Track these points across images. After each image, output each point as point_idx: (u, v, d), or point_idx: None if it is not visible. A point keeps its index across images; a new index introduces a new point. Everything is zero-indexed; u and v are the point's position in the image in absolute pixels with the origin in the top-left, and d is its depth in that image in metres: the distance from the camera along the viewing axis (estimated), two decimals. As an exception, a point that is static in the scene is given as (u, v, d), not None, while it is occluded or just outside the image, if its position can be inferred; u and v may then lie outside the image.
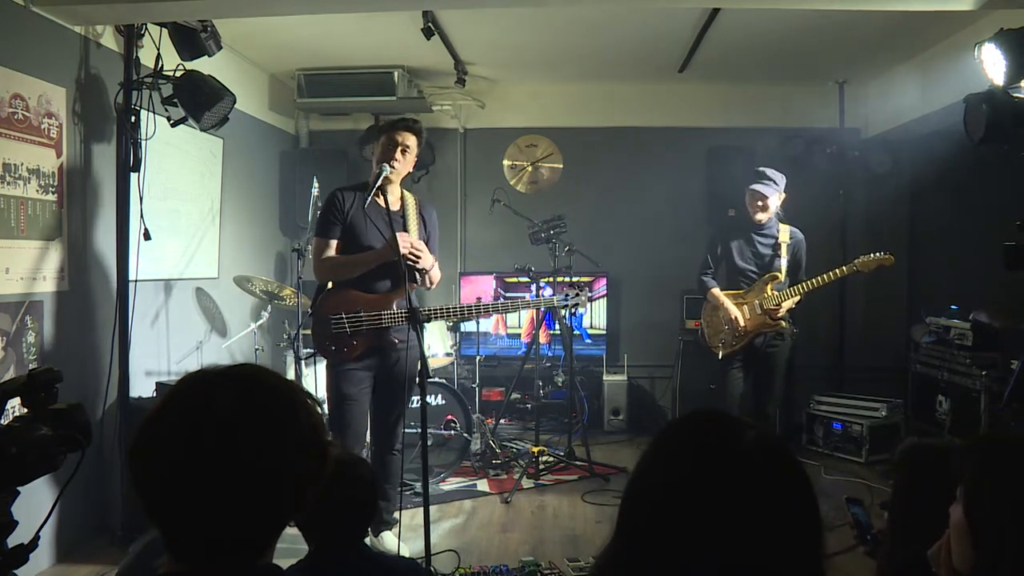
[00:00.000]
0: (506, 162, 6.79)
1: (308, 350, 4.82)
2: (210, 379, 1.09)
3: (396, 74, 5.86)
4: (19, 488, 1.33)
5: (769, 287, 4.53)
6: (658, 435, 1.07)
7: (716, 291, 4.67)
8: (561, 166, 6.77)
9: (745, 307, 4.56)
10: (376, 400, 3.68)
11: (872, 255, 4.40)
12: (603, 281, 6.47)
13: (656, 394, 6.65)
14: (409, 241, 3.50)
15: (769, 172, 4.55)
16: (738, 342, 4.56)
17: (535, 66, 6.20)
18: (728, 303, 4.58)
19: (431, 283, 3.70)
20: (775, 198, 4.53)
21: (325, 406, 3.64)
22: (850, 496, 2.13)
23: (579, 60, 5.98)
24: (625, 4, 4.45)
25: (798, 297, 4.47)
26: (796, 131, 6.26)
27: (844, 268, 4.43)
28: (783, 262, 4.56)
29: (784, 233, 4.59)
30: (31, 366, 3.48)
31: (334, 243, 3.60)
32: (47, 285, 3.64)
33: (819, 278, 4.40)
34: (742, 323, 4.52)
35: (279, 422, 1.07)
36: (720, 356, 4.58)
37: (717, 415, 1.07)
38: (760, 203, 4.52)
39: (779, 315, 4.48)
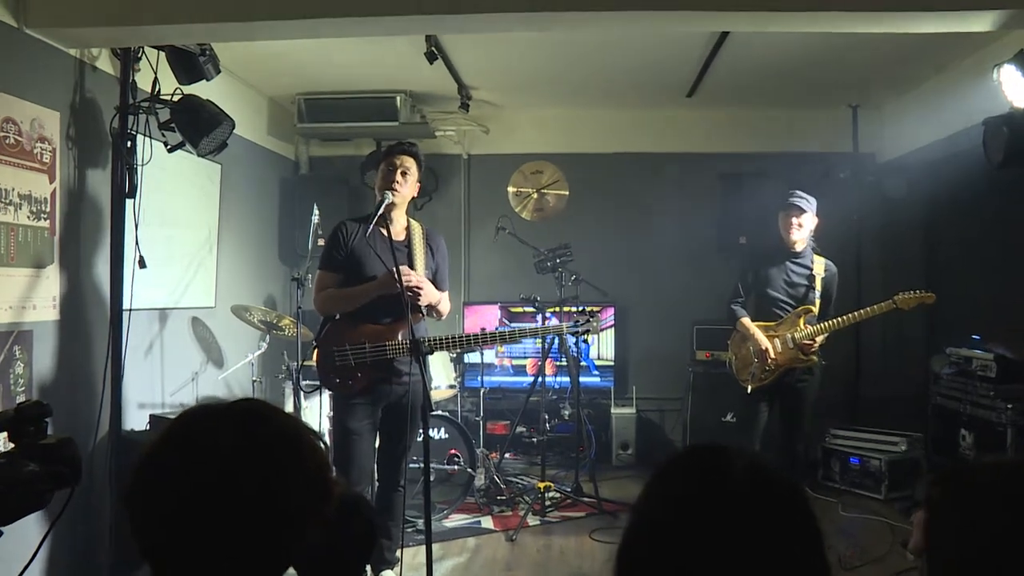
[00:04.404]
0: (511, 189, 6.79)
1: (308, 382, 4.89)
2: (211, 415, 1.09)
3: (399, 99, 5.87)
4: (2, 528, 1.30)
5: (802, 320, 4.46)
6: (653, 473, 1.06)
7: (746, 321, 4.57)
8: (567, 193, 6.76)
9: (776, 339, 4.46)
10: (381, 435, 3.67)
11: (912, 293, 4.35)
12: (611, 311, 6.45)
13: (666, 427, 6.60)
14: (408, 276, 3.46)
15: (802, 193, 4.50)
16: (768, 376, 4.48)
17: (541, 91, 6.21)
18: (759, 334, 4.48)
19: (439, 315, 3.70)
20: (811, 217, 4.47)
21: (326, 436, 3.60)
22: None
23: (586, 85, 6.00)
24: (631, 28, 4.39)
25: (828, 333, 4.42)
26: (809, 156, 6.25)
27: (882, 305, 4.37)
28: (817, 295, 4.48)
29: (819, 265, 4.53)
30: (18, 398, 3.43)
31: (336, 276, 3.59)
32: (37, 314, 3.60)
33: (853, 314, 4.36)
34: (773, 356, 4.44)
35: (282, 460, 1.06)
36: (749, 390, 4.47)
37: (709, 448, 1.05)
38: (797, 219, 4.44)
39: (812, 350, 4.41)
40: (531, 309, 5.29)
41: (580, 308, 4.87)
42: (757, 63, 5.27)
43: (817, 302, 4.48)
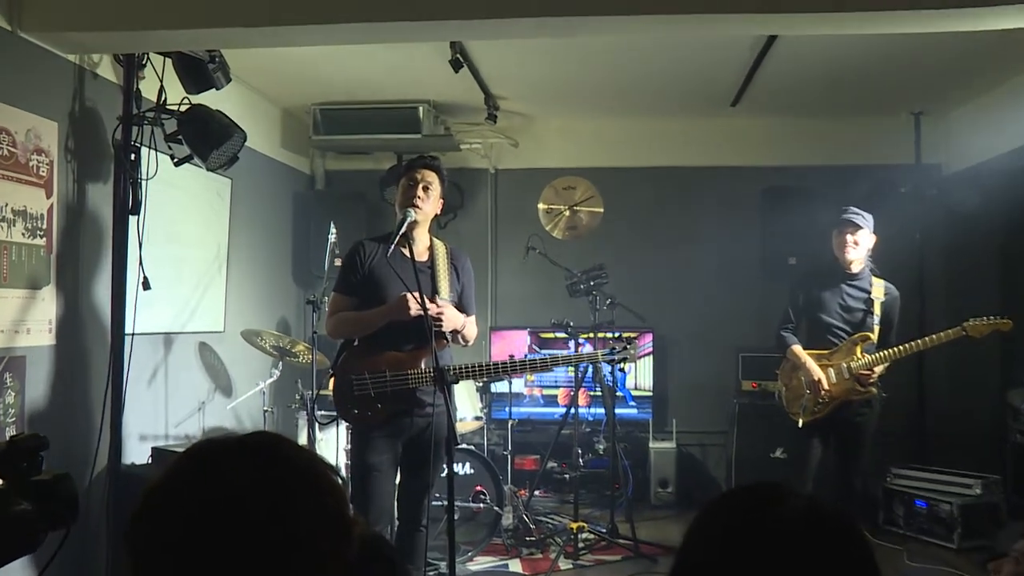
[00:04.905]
0: (541, 206, 6.75)
1: (323, 412, 4.88)
2: (221, 449, 1.08)
3: (421, 109, 5.86)
4: (-10, 573, 1.28)
5: (859, 348, 4.34)
6: (698, 511, 1.07)
7: (797, 348, 4.47)
8: (602, 210, 6.72)
9: (830, 369, 4.36)
10: (402, 469, 3.63)
11: (985, 319, 4.23)
12: (649, 337, 6.38)
13: (709, 464, 6.50)
14: (415, 300, 3.41)
15: (857, 209, 4.41)
16: (821, 409, 4.37)
17: (573, 101, 6.18)
18: (811, 363, 4.38)
19: (465, 341, 3.68)
20: (867, 234, 4.37)
21: (343, 471, 3.54)
22: None
23: (622, 94, 5.97)
24: (670, 33, 4.38)
25: (888, 363, 4.31)
26: (865, 169, 6.15)
27: (950, 332, 4.25)
28: (875, 321, 4.38)
29: (878, 288, 4.42)
30: (9, 430, 3.42)
31: (351, 300, 3.58)
32: (31, 338, 3.59)
33: (917, 342, 4.24)
34: (826, 387, 4.33)
35: (300, 499, 1.05)
36: (800, 424, 4.37)
37: (760, 485, 1.06)
38: (852, 237, 4.34)
39: (871, 381, 4.30)
40: (563, 335, 5.32)
41: (616, 334, 4.84)
42: (808, 68, 5.21)
43: (876, 328, 4.37)
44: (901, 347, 4.27)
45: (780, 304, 4.68)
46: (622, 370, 5.23)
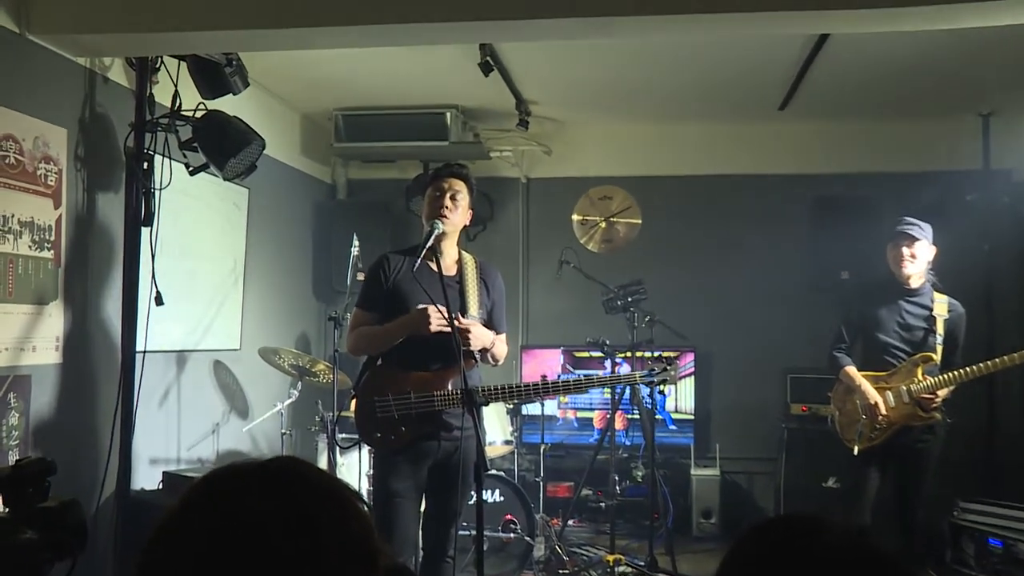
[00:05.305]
0: (576, 217, 6.72)
1: (345, 435, 4.94)
2: (241, 475, 1.07)
3: (449, 115, 5.86)
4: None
5: (920, 370, 4.25)
6: (733, 541, 1.08)
7: (851, 369, 4.40)
8: (640, 222, 6.67)
9: (888, 392, 4.29)
10: (428, 496, 3.63)
11: None
12: (690, 357, 6.33)
13: (755, 493, 6.43)
14: (437, 313, 3.42)
15: (913, 219, 4.34)
16: (879, 435, 4.30)
17: (610, 105, 6.16)
18: (866, 386, 4.31)
19: (494, 361, 3.68)
20: (926, 246, 4.30)
21: (365, 497, 3.52)
22: None
23: (661, 98, 5.94)
24: (716, 33, 4.31)
25: (954, 386, 4.21)
26: (926, 175, 6.07)
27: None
28: (938, 340, 4.28)
29: (941, 305, 4.32)
30: (12, 453, 3.44)
31: (373, 316, 3.59)
32: (37, 356, 3.61)
33: (985, 364, 4.13)
34: (884, 411, 4.26)
35: (323, 528, 1.04)
36: (855, 451, 4.30)
37: (796, 516, 1.07)
38: (909, 250, 4.27)
39: (934, 405, 4.21)
40: (599, 354, 5.32)
41: (655, 353, 4.80)
42: (863, 69, 5.14)
43: (939, 348, 4.28)
44: (968, 369, 4.17)
45: (831, 321, 4.63)
46: (661, 392, 5.21)
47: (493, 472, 5.01)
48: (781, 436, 5.98)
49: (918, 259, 4.27)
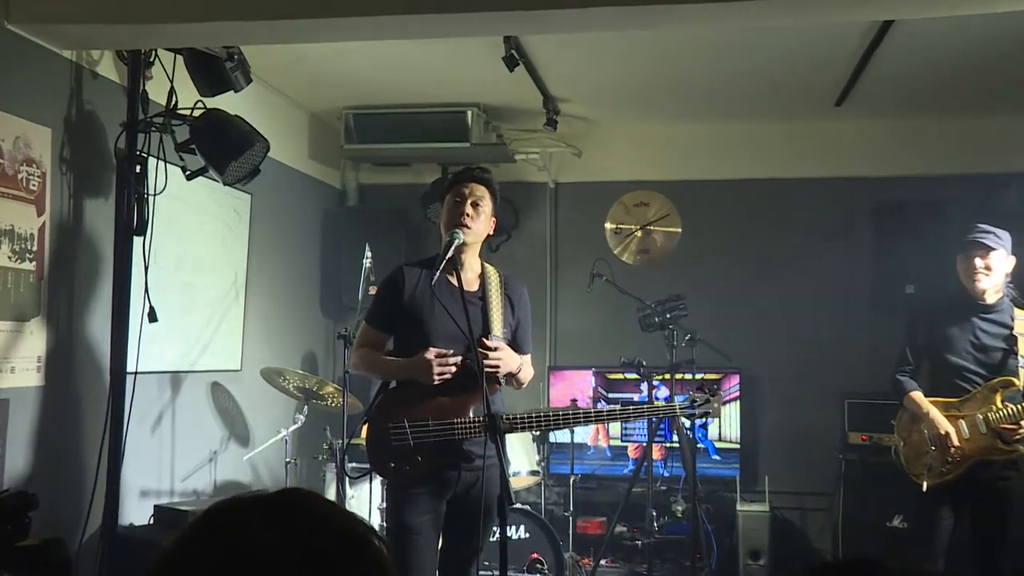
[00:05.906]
0: (609, 225, 6.67)
1: (355, 465, 4.97)
2: (245, 508, 1.08)
3: (470, 114, 5.88)
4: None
5: (999, 396, 4.20)
6: None
7: (917, 395, 4.36)
8: (679, 230, 6.61)
9: (962, 421, 4.23)
10: (446, 533, 3.62)
11: None
12: (735, 380, 6.33)
13: (810, 532, 6.39)
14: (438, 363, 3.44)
15: (987, 227, 4.30)
16: (951, 470, 4.24)
17: (646, 103, 6.17)
18: (935, 414, 4.26)
19: (519, 384, 3.71)
20: (1002, 257, 4.25)
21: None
22: None
23: (702, 94, 5.94)
24: (768, 22, 4.27)
25: None
26: (1003, 177, 5.99)
27: None
28: (1020, 362, 4.22)
29: (1022, 322, 4.27)
30: None
31: (381, 335, 3.64)
32: (16, 379, 3.62)
33: None
34: (956, 443, 4.20)
35: (337, 568, 1.05)
36: (924, 487, 4.25)
37: (851, 562, 1.05)
38: (983, 262, 4.22)
39: (1016, 437, 4.13)
40: (634, 376, 5.35)
41: (697, 376, 4.74)
42: (931, 59, 5.09)
43: (1021, 372, 4.21)
44: None
45: (894, 341, 4.63)
46: (704, 425, 5.16)
47: (518, 506, 5.04)
48: (838, 468, 5.93)
49: (993, 271, 4.23)
